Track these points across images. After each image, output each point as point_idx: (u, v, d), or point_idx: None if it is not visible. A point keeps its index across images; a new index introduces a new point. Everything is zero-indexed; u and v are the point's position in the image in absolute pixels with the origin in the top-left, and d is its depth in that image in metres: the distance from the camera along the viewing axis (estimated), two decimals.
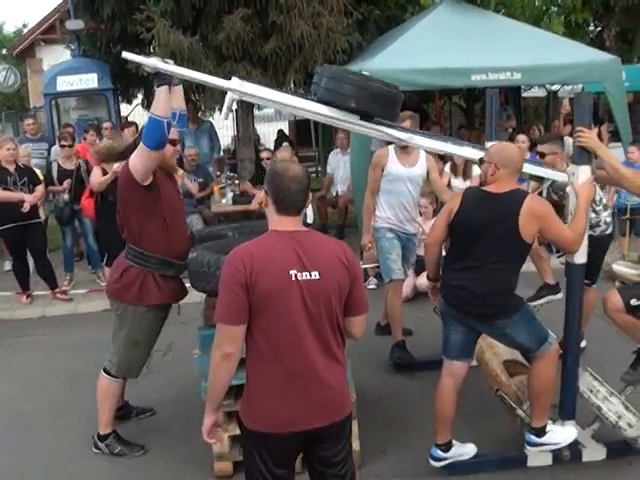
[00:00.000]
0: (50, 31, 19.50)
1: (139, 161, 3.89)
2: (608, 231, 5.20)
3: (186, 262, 4.14)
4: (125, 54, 3.79)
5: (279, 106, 3.92)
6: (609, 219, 5.21)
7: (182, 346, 5.93)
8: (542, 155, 5.07)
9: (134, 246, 4.12)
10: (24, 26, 31.80)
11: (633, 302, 4.00)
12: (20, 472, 4.31)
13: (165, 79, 3.77)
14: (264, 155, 9.21)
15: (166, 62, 3.78)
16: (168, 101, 3.82)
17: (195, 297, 7.05)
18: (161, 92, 3.77)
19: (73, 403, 5.12)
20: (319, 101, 3.71)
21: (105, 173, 7.03)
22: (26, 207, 7.11)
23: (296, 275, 2.56)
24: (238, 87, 3.66)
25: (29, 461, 4.43)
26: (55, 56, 15.66)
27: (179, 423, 4.69)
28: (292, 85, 9.54)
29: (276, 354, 2.61)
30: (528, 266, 5.07)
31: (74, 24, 10.58)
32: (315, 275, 2.58)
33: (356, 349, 3.49)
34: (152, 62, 3.69)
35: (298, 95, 4.07)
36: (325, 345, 2.65)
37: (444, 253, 4.06)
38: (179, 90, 4.20)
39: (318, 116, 3.78)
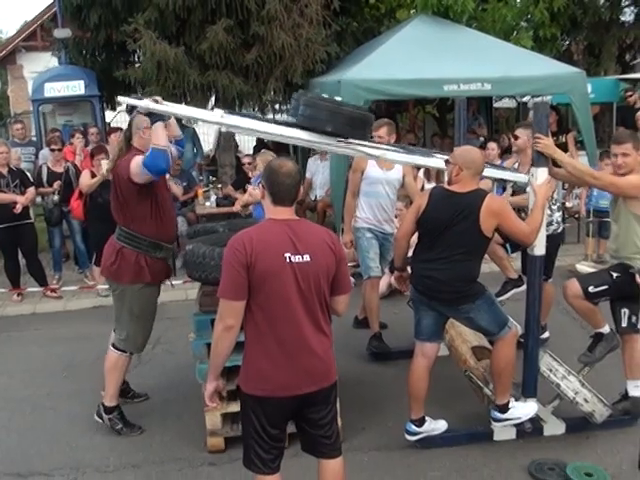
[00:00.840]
0: (31, 38, 19.61)
1: (139, 176, 4.30)
2: (559, 230, 5.67)
3: (173, 245, 4.57)
4: (121, 98, 4.29)
5: (263, 135, 4.34)
6: (560, 219, 5.69)
7: (169, 340, 6.31)
8: (515, 137, 5.59)
9: (127, 229, 4.49)
10: (1, 33, 31.92)
11: (591, 289, 4.35)
12: (25, 450, 4.57)
13: (159, 116, 4.22)
14: (245, 160, 9.48)
15: (156, 100, 4.21)
16: (165, 133, 4.25)
17: (179, 295, 7.42)
18: (158, 127, 4.20)
19: (71, 390, 5.39)
20: (298, 127, 4.11)
21: (94, 176, 7.34)
22: (18, 208, 7.34)
23: (290, 257, 2.90)
24: (219, 119, 4.16)
25: (33, 440, 4.69)
26: (36, 63, 15.74)
27: (173, 406, 5.03)
28: (272, 93, 9.85)
29: (271, 328, 2.95)
30: (492, 267, 5.51)
31: (62, 32, 10.79)
32: (306, 258, 2.92)
33: (336, 340, 3.72)
34: (144, 103, 4.16)
35: (279, 123, 4.47)
36: (314, 320, 3.00)
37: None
38: (173, 121, 4.68)
39: (299, 141, 4.21)
